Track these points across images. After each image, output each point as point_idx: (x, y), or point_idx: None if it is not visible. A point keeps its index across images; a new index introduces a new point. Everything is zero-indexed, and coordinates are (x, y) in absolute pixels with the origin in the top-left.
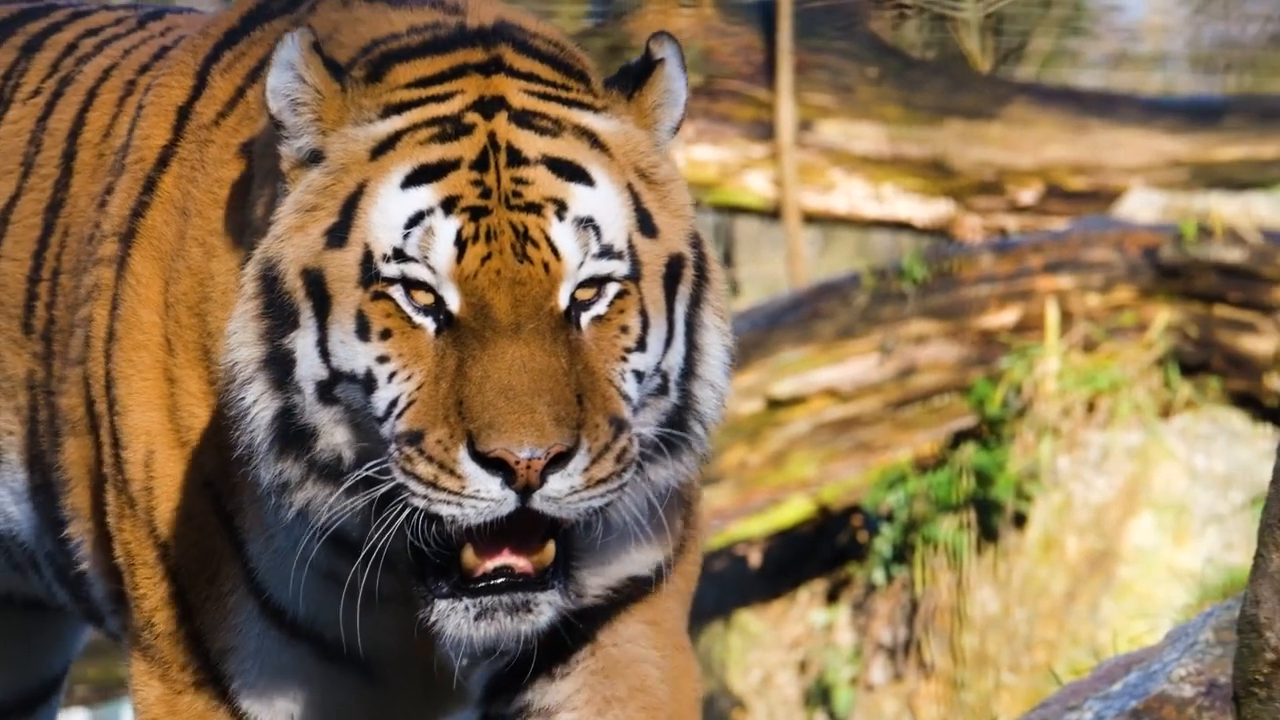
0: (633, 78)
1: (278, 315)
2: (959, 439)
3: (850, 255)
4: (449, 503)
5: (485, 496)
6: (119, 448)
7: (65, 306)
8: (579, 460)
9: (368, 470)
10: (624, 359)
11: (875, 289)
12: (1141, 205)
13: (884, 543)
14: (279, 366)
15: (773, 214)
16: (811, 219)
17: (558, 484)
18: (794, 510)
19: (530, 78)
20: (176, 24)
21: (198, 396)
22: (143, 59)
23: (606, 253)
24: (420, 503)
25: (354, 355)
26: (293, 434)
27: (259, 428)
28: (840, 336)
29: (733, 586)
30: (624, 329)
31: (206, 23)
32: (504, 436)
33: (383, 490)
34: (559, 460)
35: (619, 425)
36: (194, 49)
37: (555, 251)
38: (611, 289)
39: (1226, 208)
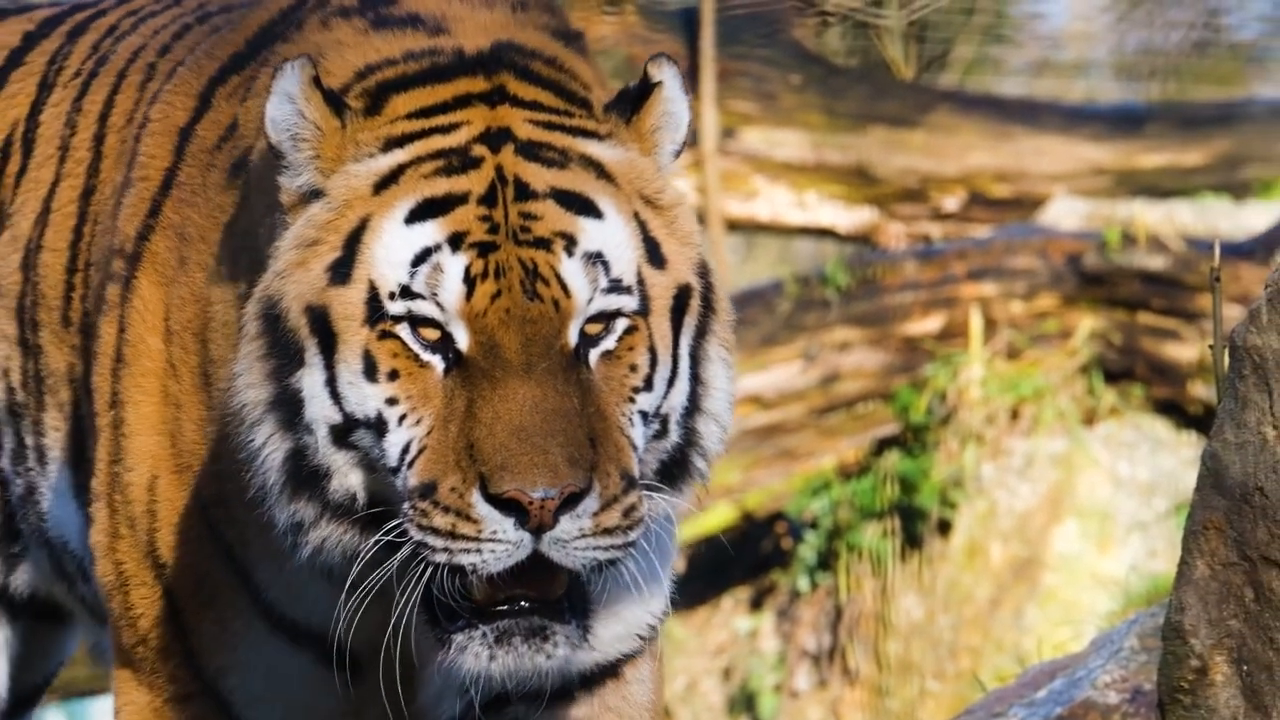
0: (630, 101)
1: (283, 355)
2: (883, 446)
3: (773, 263)
4: (468, 551)
5: (502, 539)
6: (120, 467)
7: (94, 301)
8: (590, 503)
9: (385, 536)
10: (631, 400)
11: (798, 296)
12: (1065, 213)
13: (808, 550)
14: (288, 407)
15: (696, 221)
16: (734, 226)
17: (568, 525)
18: (718, 517)
19: (535, 106)
20: (207, 2)
21: (198, 423)
22: (165, 39)
23: (615, 287)
24: (441, 557)
25: (363, 398)
26: (305, 475)
27: (271, 469)
28: (764, 344)
29: None
30: (633, 367)
31: (212, 43)
32: (517, 477)
33: (401, 554)
34: (571, 501)
35: (629, 481)
36: (199, 69)
37: (565, 288)
38: (620, 324)
39: (1150, 215)
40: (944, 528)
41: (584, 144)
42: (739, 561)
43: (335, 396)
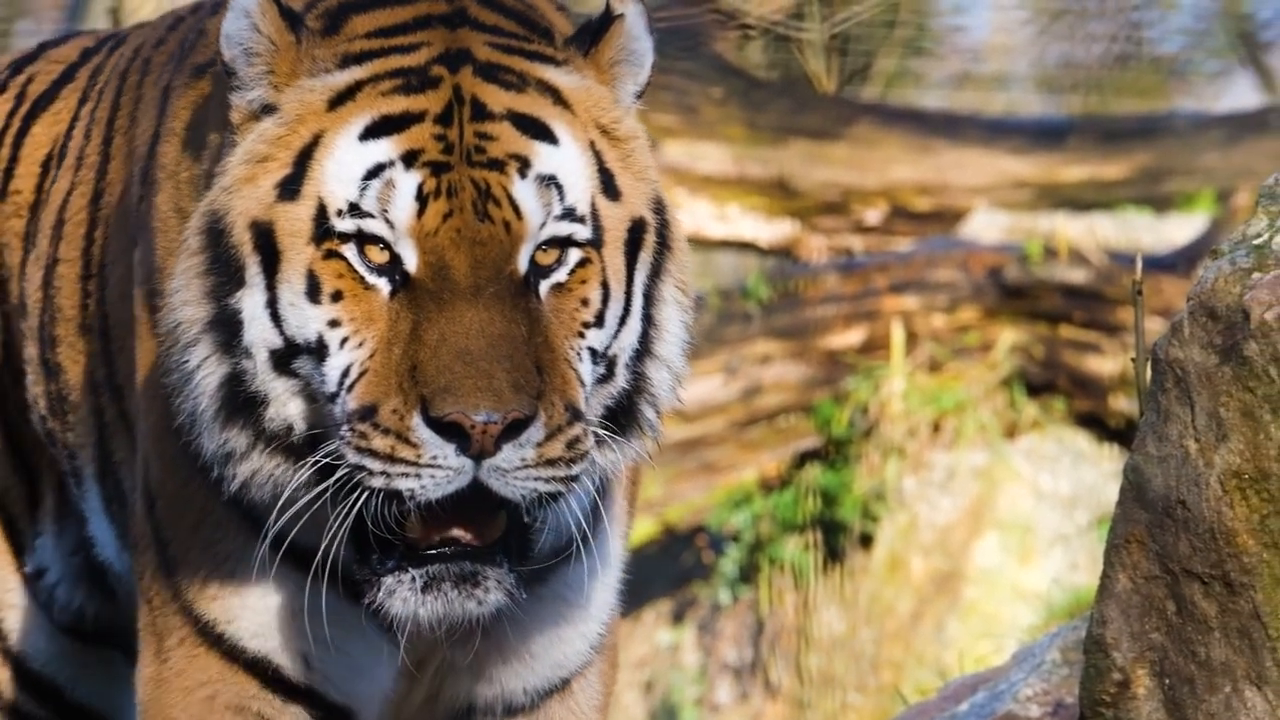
0: (591, 33)
1: (223, 272)
2: (804, 459)
3: (695, 276)
4: (407, 475)
5: (443, 464)
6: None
7: (117, 297)
8: (534, 431)
9: (322, 458)
10: (581, 334)
11: (720, 309)
12: (986, 225)
13: (729, 563)
14: (226, 328)
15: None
16: None
17: (510, 454)
18: (639, 531)
19: (495, 30)
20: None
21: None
22: (160, 32)
23: (569, 214)
24: (379, 481)
25: (305, 320)
26: (241, 401)
27: (204, 394)
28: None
29: None
30: (584, 301)
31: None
32: (460, 400)
33: (336, 477)
34: (514, 428)
35: (574, 413)
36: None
37: (517, 210)
38: (573, 255)
39: (1071, 228)
40: (865, 541)
41: (542, 69)
42: (660, 575)
43: (276, 319)
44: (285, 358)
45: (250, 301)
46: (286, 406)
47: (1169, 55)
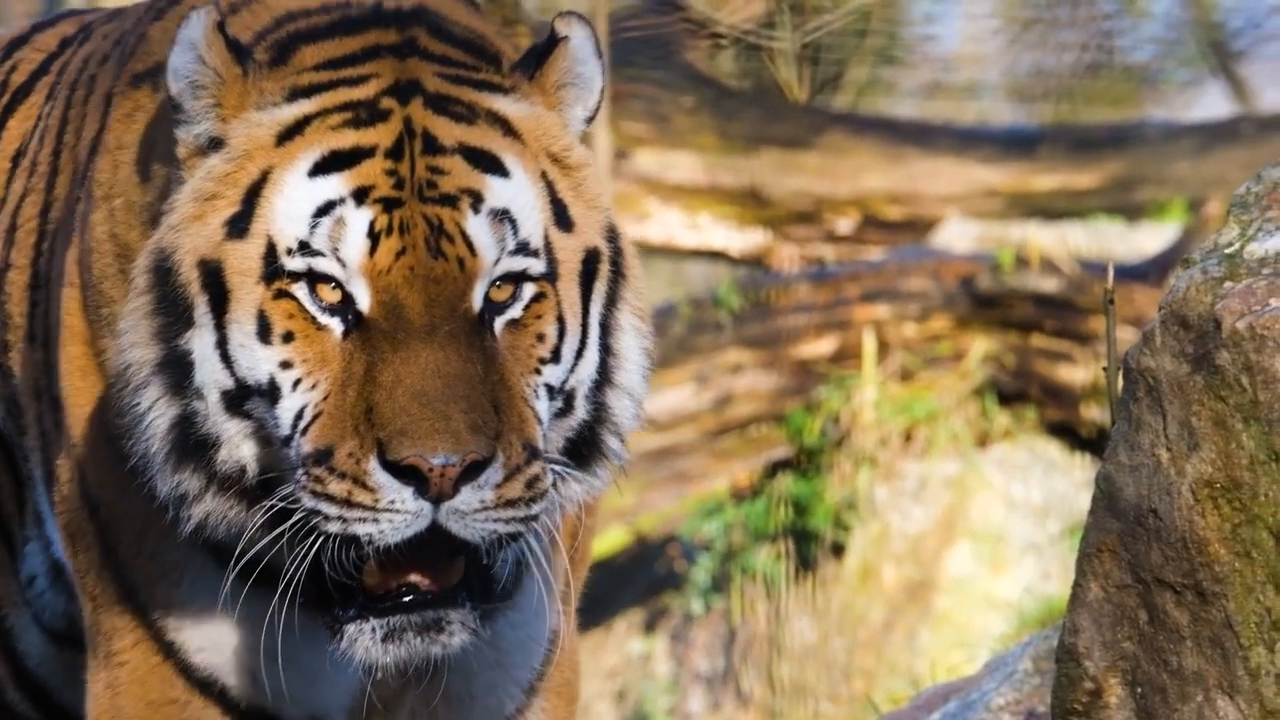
0: (536, 57)
1: (171, 312)
2: (776, 469)
3: (666, 285)
4: (364, 520)
5: (400, 509)
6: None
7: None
8: (492, 473)
9: (279, 503)
10: (538, 371)
11: (691, 319)
12: (958, 235)
13: (701, 572)
14: (176, 369)
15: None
16: None
17: (468, 495)
18: (611, 540)
19: (444, 60)
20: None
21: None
22: (107, 47)
23: (523, 249)
24: (335, 526)
25: (256, 361)
26: (193, 444)
27: (155, 436)
28: (656, 366)
29: None
30: (540, 337)
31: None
32: (417, 443)
33: (292, 521)
34: (473, 470)
35: (533, 452)
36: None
37: (471, 247)
38: (528, 290)
39: (1042, 237)
40: (837, 550)
41: (490, 99)
42: (632, 584)
43: (226, 360)
44: (237, 399)
45: (200, 342)
46: (239, 448)
47: (1140, 64)
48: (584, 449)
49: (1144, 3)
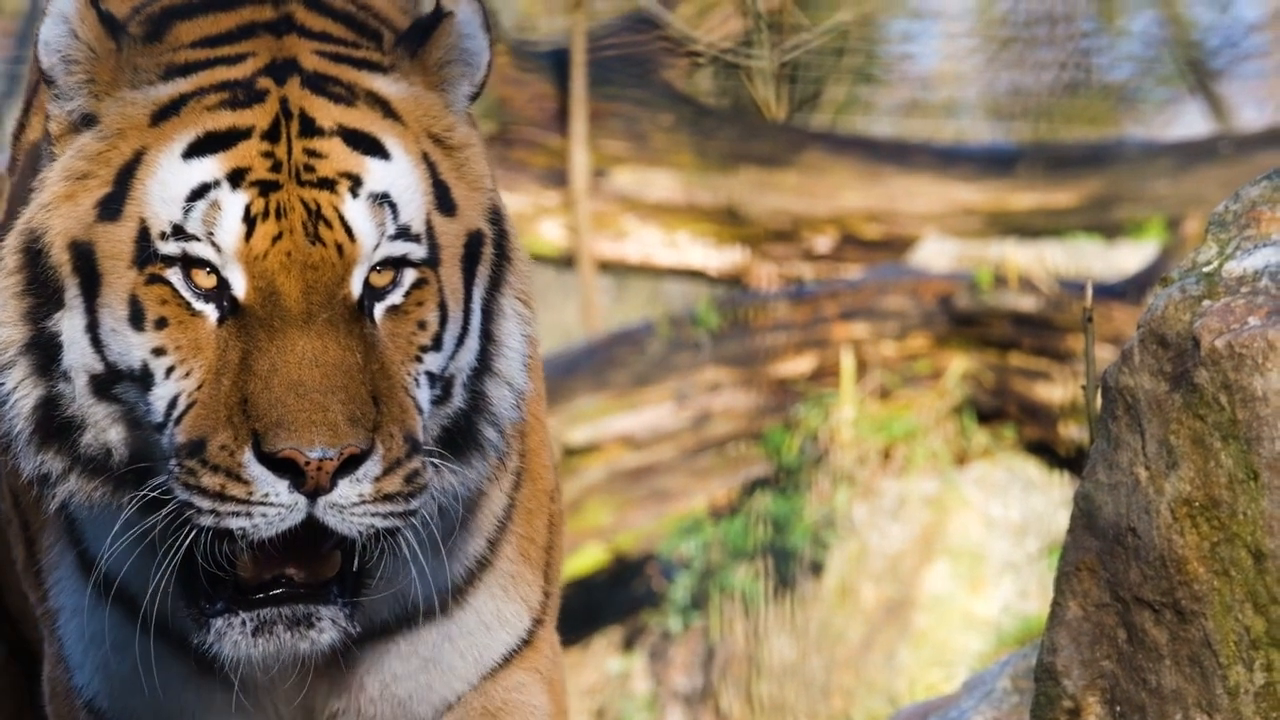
0: (419, 34)
1: (41, 294)
2: (755, 487)
3: (644, 304)
4: (238, 514)
5: (274, 502)
6: None
7: None
8: (371, 466)
9: (149, 493)
10: (419, 359)
11: (670, 337)
12: (936, 253)
13: (680, 590)
14: (43, 351)
15: (567, 262)
16: (606, 267)
17: (346, 489)
18: (590, 558)
19: (323, 37)
20: None
21: None
22: None
23: (403, 234)
24: (208, 520)
25: (127, 347)
26: (57, 426)
27: (19, 416)
28: (635, 384)
29: None
30: (421, 324)
31: None
32: (294, 435)
33: (164, 512)
34: (351, 464)
35: (413, 445)
36: None
37: (349, 232)
38: (409, 276)
39: (1020, 256)
40: (816, 569)
41: (370, 78)
42: (610, 602)
43: (97, 344)
44: (106, 383)
45: (70, 324)
46: (106, 432)
47: (1118, 83)
48: (460, 439)
49: (1122, 22)
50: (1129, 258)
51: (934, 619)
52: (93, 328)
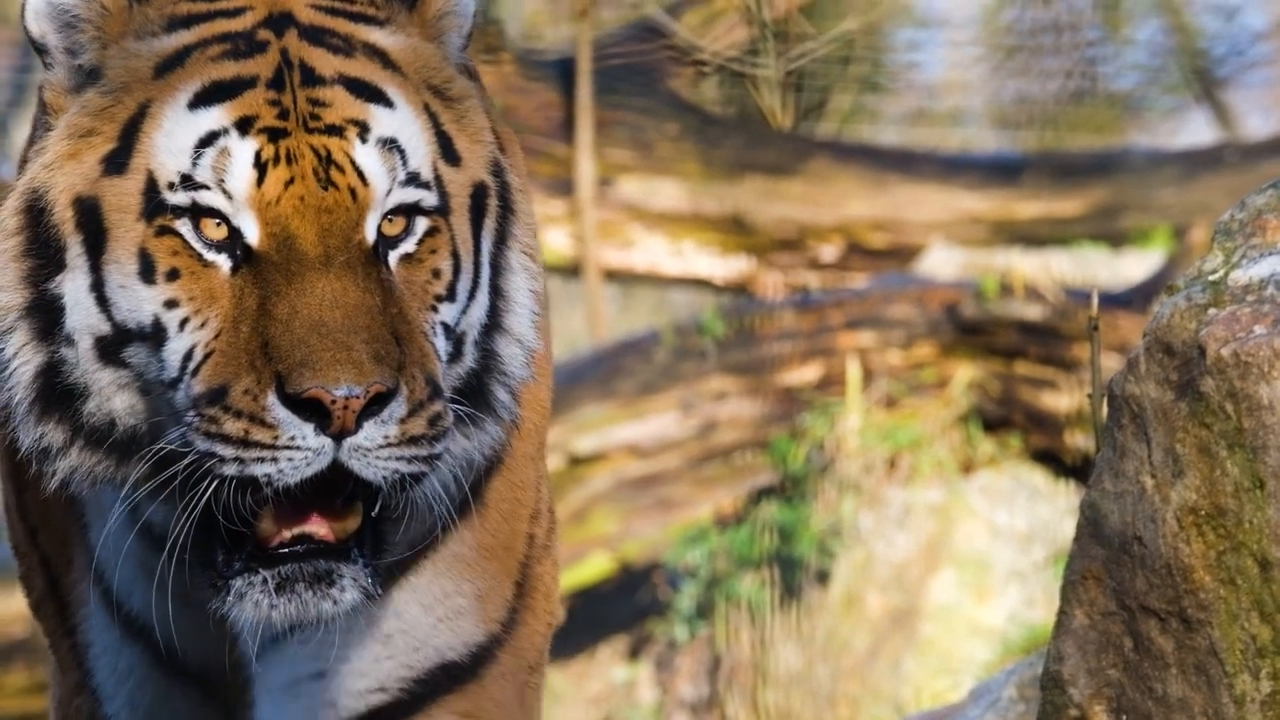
0: None
1: (43, 255)
2: (761, 496)
3: (650, 312)
4: (263, 459)
5: (300, 445)
6: None
7: None
8: (396, 407)
9: (166, 445)
10: (434, 308)
11: (675, 346)
12: (942, 262)
13: (686, 599)
14: (44, 315)
15: (573, 271)
16: (612, 276)
17: (372, 431)
18: (596, 567)
19: None
20: None
21: None
22: None
23: (414, 180)
24: (231, 469)
25: (138, 302)
26: (58, 393)
27: (19, 384)
28: (641, 393)
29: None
30: (435, 273)
31: None
32: (318, 375)
33: (183, 466)
34: (376, 404)
35: (435, 388)
36: None
37: (362, 176)
38: (420, 224)
39: (1026, 264)
40: (822, 577)
41: (366, 30)
42: (616, 611)
43: (103, 303)
44: (113, 345)
45: (72, 285)
46: (111, 400)
47: (1124, 91)
48: (471, 400)
49: (1128, 30)
50: (1135, 266)
51: (940, 627)
52: (98, 286)
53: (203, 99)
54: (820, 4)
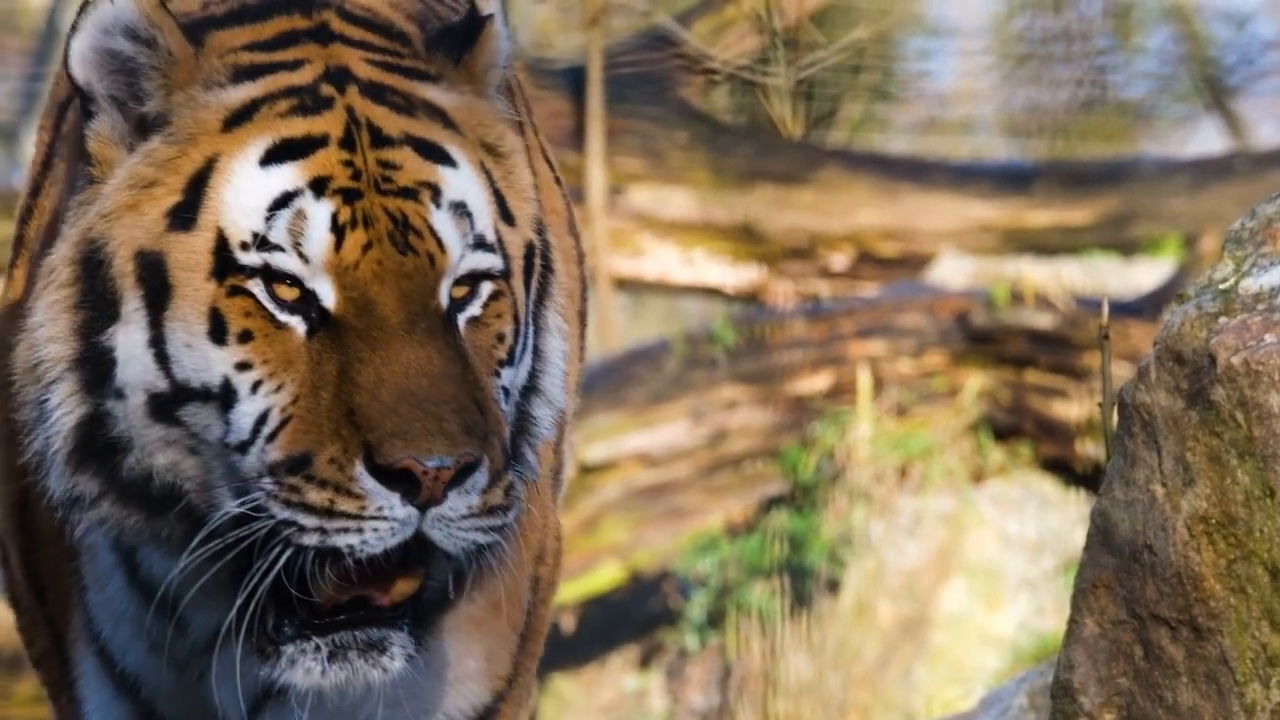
0: (459, 38)
1: (97, 306)
2: (771, 504)
3: (661, 321)
4: (347, 530)
5: (388, 516)
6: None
7: None
8: (479, 477)
9: (239, 507)
10: (498, 373)
11: (686, 355)
12: (952, 271)
13: (696, 608)
14: (94, 367)
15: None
16: (622, 285)
17: (456, 501)
18: (606, 576)
19: (365, 46)
20: None
21: None
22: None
23: (480, 244)
24: (313, 539)
25: (206, 363)
26: (99, 446)
27: (59, 434)
28: (651, 402)
29: (545, 651)
30: (500, 337)
31: None
32: (411, 445)
33: (257, 533)
34: (463, 474)
35: (508, 457)
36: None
37: (440, 242)
38: (486, 288)
39: (1037, 273)
40: (832, 586)
41: (423, 88)
42: (627, 620)
43: (163, 359)
44: (169, 403)
45: (126, 339)
46: (153, 456)
47: (1135, 100)
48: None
49: (1138, 39)
50: (1145, 275)
51: (951, 636)
52: (158, 342)
53: (274, 156)
54: (831, 13)
